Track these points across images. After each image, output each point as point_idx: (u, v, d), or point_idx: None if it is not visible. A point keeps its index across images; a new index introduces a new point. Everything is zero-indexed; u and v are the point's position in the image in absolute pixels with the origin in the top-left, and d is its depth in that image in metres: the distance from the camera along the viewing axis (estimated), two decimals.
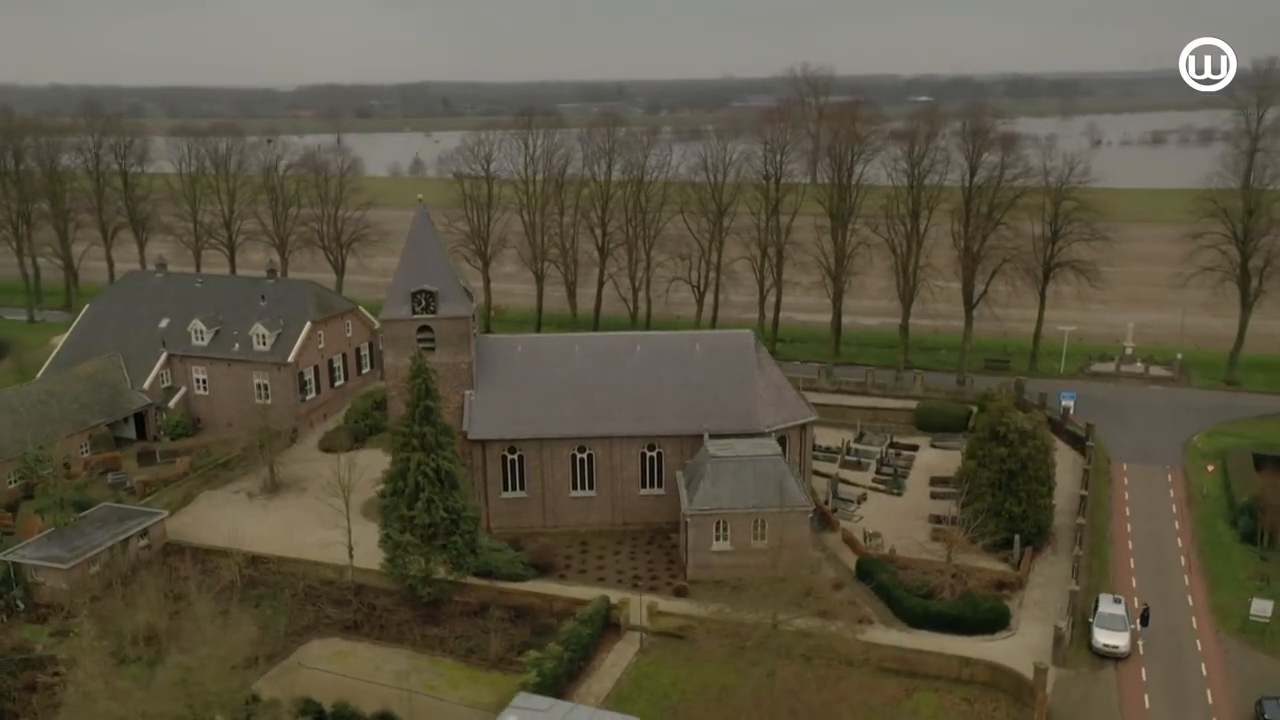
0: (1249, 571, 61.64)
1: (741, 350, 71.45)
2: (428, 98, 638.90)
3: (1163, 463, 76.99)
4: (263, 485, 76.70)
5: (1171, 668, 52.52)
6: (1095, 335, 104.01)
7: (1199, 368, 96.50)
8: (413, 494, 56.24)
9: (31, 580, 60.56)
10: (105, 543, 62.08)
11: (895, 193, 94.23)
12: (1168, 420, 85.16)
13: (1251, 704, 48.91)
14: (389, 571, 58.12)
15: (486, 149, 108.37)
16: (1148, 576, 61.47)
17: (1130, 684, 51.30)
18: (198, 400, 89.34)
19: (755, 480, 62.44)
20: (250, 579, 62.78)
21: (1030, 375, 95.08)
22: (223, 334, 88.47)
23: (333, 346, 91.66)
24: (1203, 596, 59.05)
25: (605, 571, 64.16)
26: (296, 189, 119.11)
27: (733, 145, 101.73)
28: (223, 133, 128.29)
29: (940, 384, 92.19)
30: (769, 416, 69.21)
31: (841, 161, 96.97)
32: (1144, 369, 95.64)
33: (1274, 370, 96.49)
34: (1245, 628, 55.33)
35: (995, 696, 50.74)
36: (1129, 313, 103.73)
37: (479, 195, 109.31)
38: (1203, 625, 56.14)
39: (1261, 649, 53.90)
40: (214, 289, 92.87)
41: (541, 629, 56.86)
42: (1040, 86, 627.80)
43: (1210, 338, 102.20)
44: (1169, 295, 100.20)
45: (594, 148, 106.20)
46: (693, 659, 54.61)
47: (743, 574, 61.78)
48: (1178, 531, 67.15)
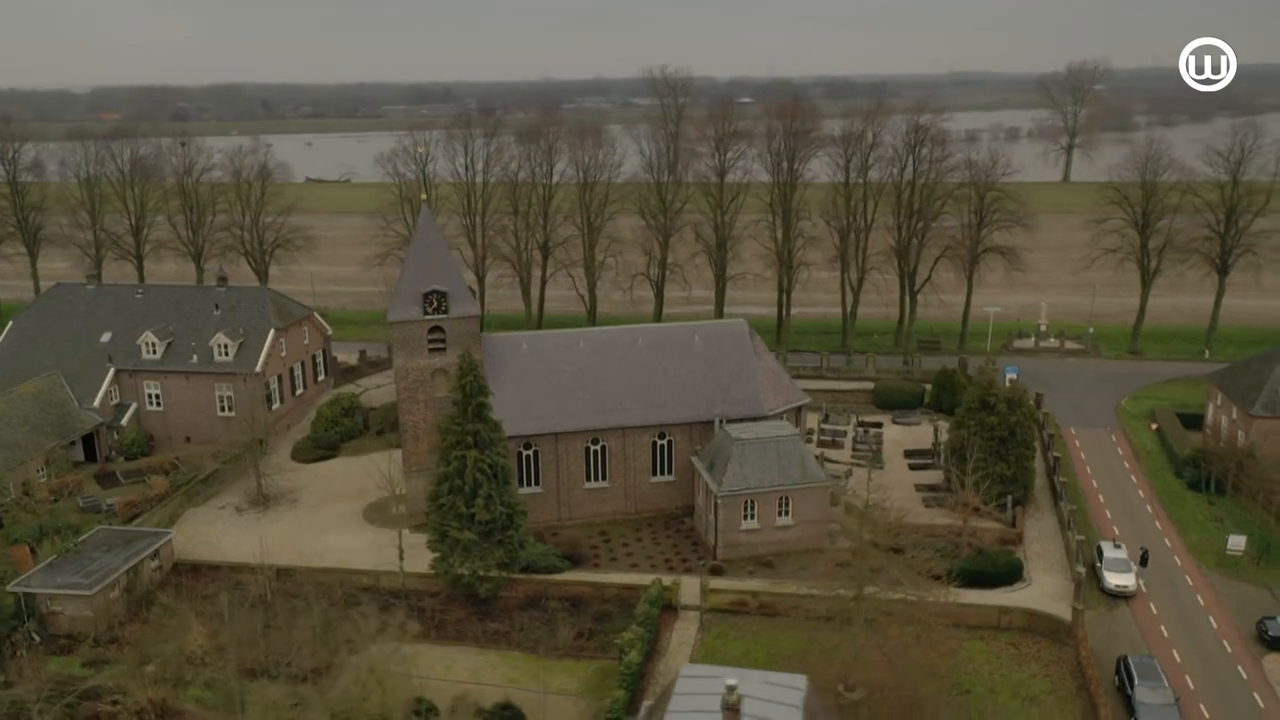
0: (1205, 515, 69.59)
1: (738, 338, 74.51)
2: (243, 100, 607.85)
3: (1103, 426, 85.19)
4: (251, 499, 74.11)
5: (1173, 601, 59.08)
6: (1014, 316, 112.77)
7: (1105, 341, 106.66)
8: (471, 491, 56.35)
9: (47, 611, 56.91)
10: (122, 566, 58.98)
11: (835, 188, 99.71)
12: (1091, 388, 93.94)
13: (1250, 625, 55.83)
14: (443, 571, 57.97)
15: (424, 151, 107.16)
16: (1125, 525, 68.42)
17: (1144, 618, 57.44)
18: (150, 416, 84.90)
19: (778, 460, 65.57)
20: (279, 592, 61.04)
21: (961, 354, 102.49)
22: (177, 346, 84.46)
23: (293, 354, 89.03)
24: (1176, 538, 66.35)
25: (635, 558, 65.83)
26: (212, 194, 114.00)
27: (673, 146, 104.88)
28: (124, 136, 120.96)
29: (888, 366, 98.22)
30: (770, 400, 72.62)
31: (779, 159, 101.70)
32: (1059, 344, 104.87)
33: (1169, 340, 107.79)
34: (1222, 562, 62.73)
35: (1035, 639, 55.70)
36: (1042, 294, 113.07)
37: (416, 199, 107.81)
38: (1185, 563, 63.22)
39: (1239, 578, 61.29)
40: (158, 299, 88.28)
41: (600, 615, 58.21)
42: (856, 89, 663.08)
43: (1114, 314, 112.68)
44: (1076, 277, 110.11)
45: (536, 149, 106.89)
46: (751, 631, 57.53)
47: (769, 549, 65.62)
48: (1136, 485, 74.80)
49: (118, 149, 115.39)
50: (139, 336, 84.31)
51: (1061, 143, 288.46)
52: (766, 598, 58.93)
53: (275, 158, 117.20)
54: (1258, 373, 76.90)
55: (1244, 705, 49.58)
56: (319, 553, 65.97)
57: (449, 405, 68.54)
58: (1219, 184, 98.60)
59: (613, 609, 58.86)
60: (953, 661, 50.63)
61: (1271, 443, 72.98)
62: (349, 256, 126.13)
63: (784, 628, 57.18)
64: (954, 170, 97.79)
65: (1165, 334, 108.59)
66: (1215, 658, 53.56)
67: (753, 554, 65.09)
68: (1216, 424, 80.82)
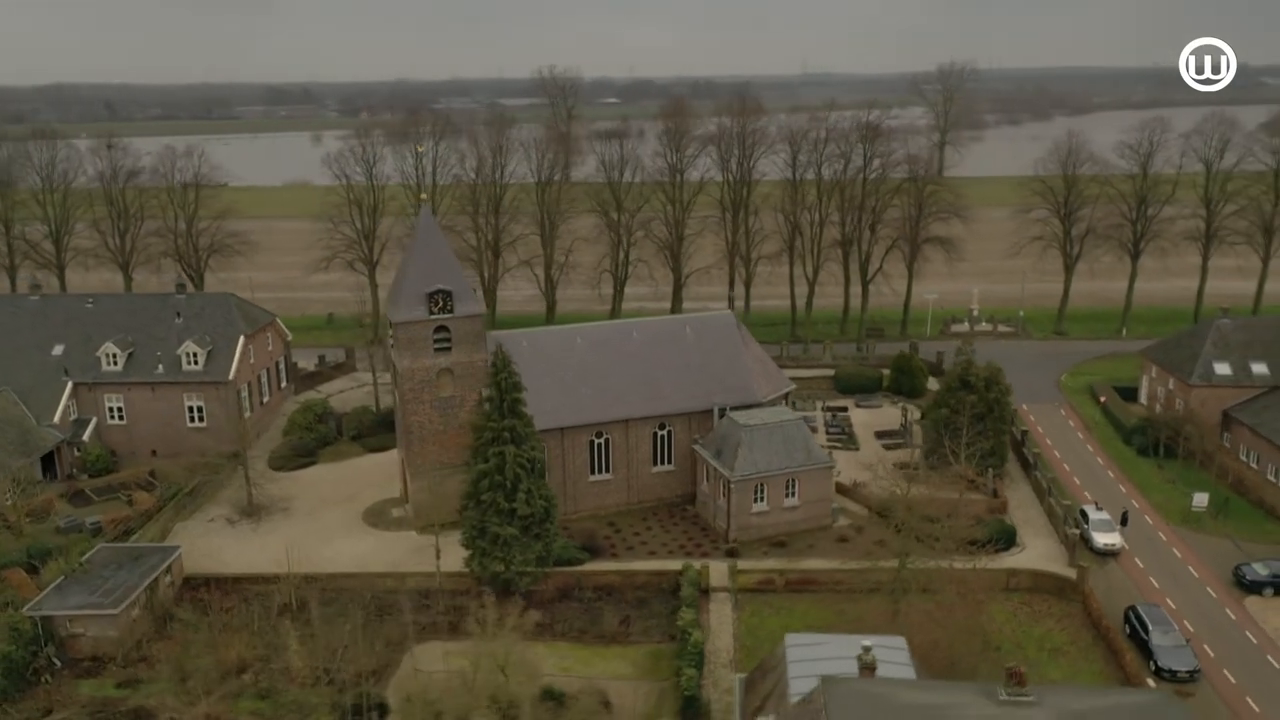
0: (1160, 477, 76.01)
1: (726, 329, 76.84)
2: (80, 101, 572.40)
3: (1051, 401, 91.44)
4: (241, 510, 72.13)
5: (1154, 555, 64.61)
6: (947, 303, 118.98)
7: (1033, 323, 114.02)
8: (512, 486, 56.85)
9: (66, 634, 54.43)
10: (142, 583, 56.91)
11: (785, 185, 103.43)
12: (1030, 367, 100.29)
13: (1226, 572, 61.71)
14: (482, 568, 58.24)
15: (373, 153, 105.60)
16: (1093, 490, 74.03)
17: (1134, 572, 62.67)
18: (111, 431, 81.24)
19: (784, 444, 68.28)
20: (304, 600, 60.01)
21: (903, 339, 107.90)
22: (139, 356, 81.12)
23: (259, 362, 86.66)
24: (1142, 499, 72.28)
25: (650, 546, 67.35)
26: (140, 199, 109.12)
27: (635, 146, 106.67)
28: (40, 137, 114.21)
29: (843, 353, 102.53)
30: (762, 387, 75.27)
31: (727, 157, 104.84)
32: (993, 327, 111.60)
33: (1088, 321, 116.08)
34: (1187, 518, 68.82)
35: (1044, 597, 60.09)
36: (973, 281, 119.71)
37: (366, 201, 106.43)
38: (1156, 521, 69.06)
39: (1203, 532, 67.41)
40: (112, 309, 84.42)
41: (637, 602, 59.66)
42: (719, 89, 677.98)
43: (1038, 298, 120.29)
44: (1004, 265, 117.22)
45: (485, 149, 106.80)
46: (784, 607, 60.02)
47: (778, 530, 68.33)
48: (1093, 453, 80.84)
49: (35, 151, 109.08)
50: (96, 348, 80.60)
51: (934, 139, 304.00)
52: (794, 575, 61.55)
53: (210, 160, 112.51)
54: (1190, 347, 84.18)
55: (1239, 643, 54.95)
56: (329, 559, 65.05)
57: (454, 405, 68.98)
58: (1131, 176, 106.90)
59: (646, 595, 60.41)
60: (985, 621, 54.30)
61: (1208, 409, 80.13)
62: (292, 262, 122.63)
63: (812, 603, 60.02)
64: (898, 165, 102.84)
65: (1085, 315, 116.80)
66: (1203, 603, 59.03)
67: (763, 535, 67.62)
68: (1153, 395, 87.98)
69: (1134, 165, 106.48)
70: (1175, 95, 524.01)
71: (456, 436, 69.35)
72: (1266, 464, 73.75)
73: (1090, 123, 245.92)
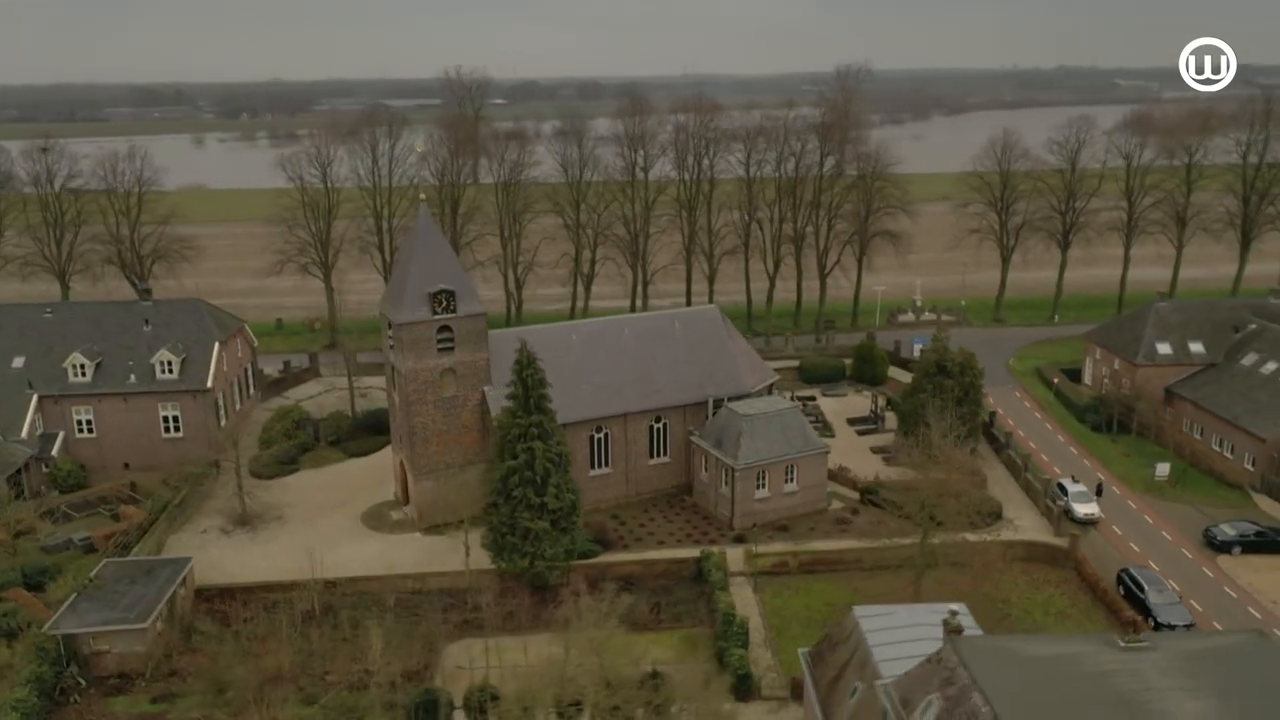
0: (1116, 450, 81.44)
1: (712, 323, 78.92)
2: None
3: (1004, 384, 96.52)
4: (234, 519, 70.64)
5: (1129, 522, 69.45)
6: (893, 294, 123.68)
7: (973, 311, 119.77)
8: (542, 481, 57.58)
9: (90, 651, 52.75)
10: (163, 596, 55.53)
11: (739, 183, 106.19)
12: (978, 353, 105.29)
13: (1196, 535, 66.88)
14: (511, 564, 58.78)
15: (327, 154, 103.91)
16: (1060, 464, 78.82)
17: (1114, 538, 67.30)
18: (80, 445, 78.31)
19: (783, 431, 70.71)
20: (327, 605, 59.51)
21: (855, 330, 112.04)
22: (108, 366, 78.39)
23: (231, 369, 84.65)
24: (1106, 472, 77.34)
25: (658, 535, 68.74)
26: (77, 205, 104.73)
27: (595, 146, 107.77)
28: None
29: (803, 345, 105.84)
30: (750, 379, 77.63)
31: (683, 156, 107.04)
32: (936, 316, 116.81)
33: (1021, 308, 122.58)
34: (1150, 487, 74.13)
35: (1039, 566, 64.02)
36: (916, 274, 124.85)
37: (319, 204, 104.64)
38: (1123, 491, 74.10)
39: (1166, 499, 72.77)
40: (73, 318, 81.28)
41: (661, 589, 61.17)
42: (606, 89, 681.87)
43: (976, 288, 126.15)
44: (945, 257, 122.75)
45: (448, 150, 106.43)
46: (801, 588, 62.42)
47: (779, 515, 70.74)
48: (1052, 431, 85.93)
49: None
50: (61, 359, 77.63)
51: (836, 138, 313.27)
52: (806, 556, 64.03)
53: (153, 163, 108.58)
54: (1132, 330, 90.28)
55: (1220, 598, 59.80)
56: (340, 564, 64.39)
57: (456, 405, 69.13)
58: (1060, 171, 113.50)
59: (668, 583, 62.02)
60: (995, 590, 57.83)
61: (1152, 386, 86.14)
62: (237, 267, 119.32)
63: (828, 582, 62.66)
64: (850, 162, 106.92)
65: (1018, 303, 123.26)
66: (1180, 564, 63.89)
67: (766, 520, 69.89)
68: (1098, 375, 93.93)
69: (1063, 161, 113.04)
70: (1041, 96, 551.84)
71: (459, 436, 69.65)
72: (1210, 435, 79.92)
73: (968, 122, 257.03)
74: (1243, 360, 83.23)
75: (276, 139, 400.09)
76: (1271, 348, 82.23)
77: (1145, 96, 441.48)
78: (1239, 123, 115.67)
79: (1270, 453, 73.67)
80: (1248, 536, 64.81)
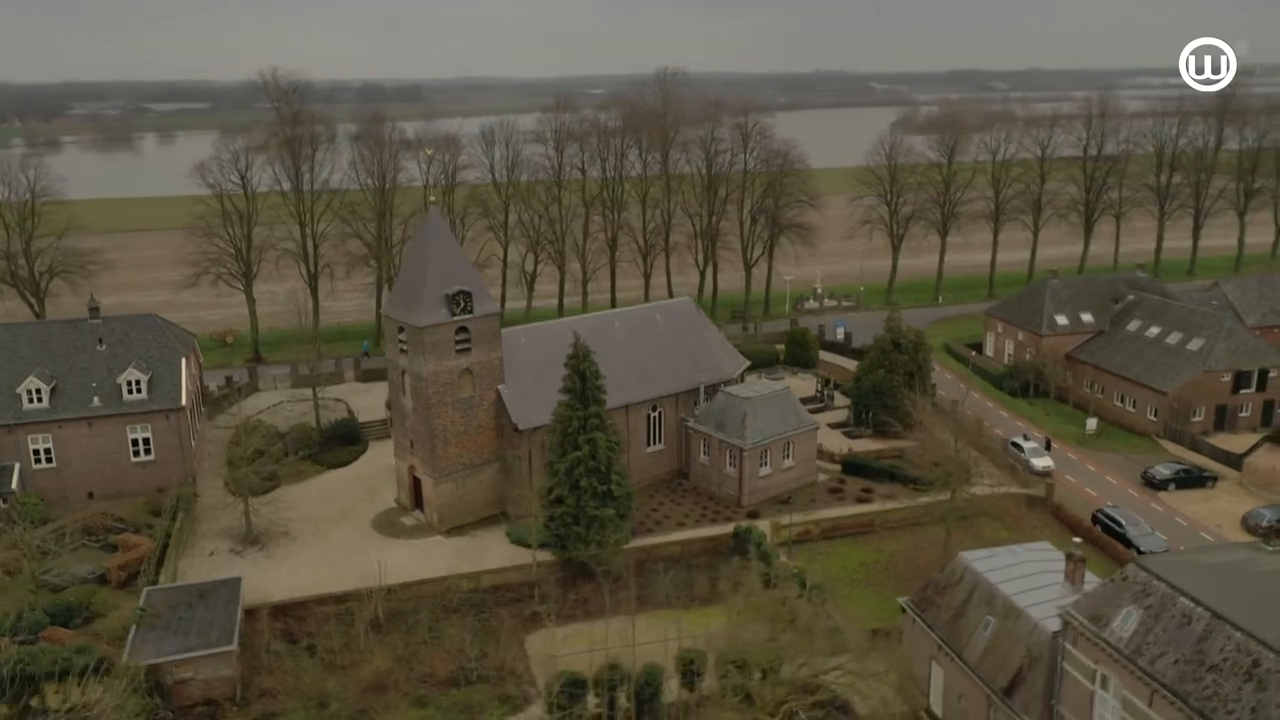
0: (1037, 412, 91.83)
1: (690, 314, 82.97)
2: None
3: None
4: (241, 539, 68.25)
5: (1076, 471, 79.08)
6: (796, 284, 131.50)
7: (869, 297, 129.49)
8: (605, 470, 59.66)
9: (173, 680, 50.49)
10: (235, 617, 53.75)
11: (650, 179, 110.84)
12: None
13: (1134, 477, 77.23)
14: (578, 553, 60.51)
15: (244, 161, 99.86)
16: (999, 426, 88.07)
17: (1069, 486, 76.54)
18: (39, 476, 72.65)
19: (780, 411, 75.72)
20: (391, 612, 59.13)
21: (768, 318, 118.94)
22: (65, 390, 73.17)
23: (190, 386, 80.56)
24: (1037, 430, 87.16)
25: (675, 518, 71.96)
26: None
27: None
28: None
29: (732, 333, 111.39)
30: (729, 365, 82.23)
31: (604, 156, 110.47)
32: (838, 303, 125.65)
33: (909, 292, 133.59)
34: (1082, 440, 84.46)
35: (1022, 512, 71.97)
36: (816, 263, 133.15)
37: (238, 211, 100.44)
38: (1060, 445, 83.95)
39: (1096, 449, 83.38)
40: (16, 340, 74.85)
41: (705, 566, 64.46)
42: (386, 92, 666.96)
43: (868, 274, 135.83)
44: (841, 247, 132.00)
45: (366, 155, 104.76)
46: (829, 553, 67.58)
47: (779, 489, 75.85)
48: (979, 398, 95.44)
49: None
50: (14, 385, 71.75)
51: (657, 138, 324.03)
52: (826, 523, 69.28)
53: (49, 173, 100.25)
54: (1032, 304, 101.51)
55: (1175, 525, 69.71)
56: (371, 571, 63.70)
57: (473, 405, 69.81)
58: (939, 165, 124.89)
59: (710, 559, 65.39)
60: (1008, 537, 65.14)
61: (1056, 353, 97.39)
62: (147, 280, 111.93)
63: (852, 545, 68.13)
64: (765, 160, 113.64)
65: (906, 287, 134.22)
66: (1131, 501, 73.70)
67: (769, 495, 74.65)
68: (999, 348, 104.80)
69: (941, 156, 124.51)
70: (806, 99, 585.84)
71: (476, 436, 70.39)
72: (1112, 392, 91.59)
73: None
74: (1128, 327, 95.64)
75: (35, 146, 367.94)
76: (1151, 315, 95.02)
77: (902, 99, 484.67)
78: (1078, 122, 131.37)
79: (1170, 404, 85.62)
80: (1180, 474, 75.63)
